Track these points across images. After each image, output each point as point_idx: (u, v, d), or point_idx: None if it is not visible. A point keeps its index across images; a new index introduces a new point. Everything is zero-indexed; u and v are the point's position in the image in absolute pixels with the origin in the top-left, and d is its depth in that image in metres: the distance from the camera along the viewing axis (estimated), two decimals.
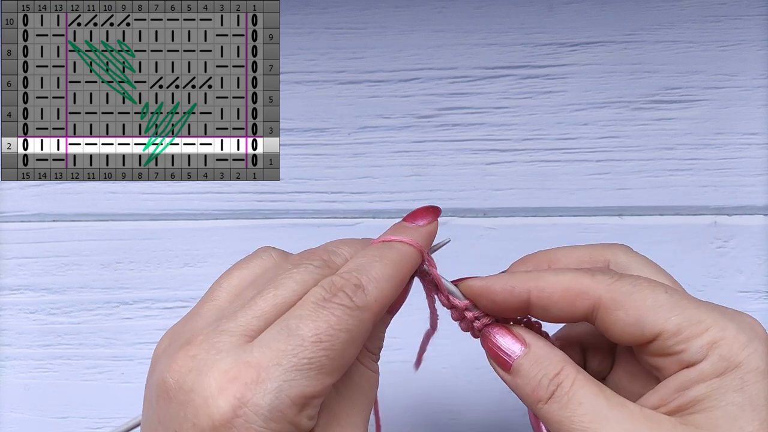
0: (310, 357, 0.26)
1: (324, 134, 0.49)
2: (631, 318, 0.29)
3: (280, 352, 0.26)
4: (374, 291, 0.28)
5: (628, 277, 0.30)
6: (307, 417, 0.26)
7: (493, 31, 0.48)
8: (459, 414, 0.47)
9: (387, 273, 0.29)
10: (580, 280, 0.29)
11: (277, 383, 0.26)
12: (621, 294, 0.29)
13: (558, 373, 0.29)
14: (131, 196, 0.49)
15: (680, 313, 0.28)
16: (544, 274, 0.30)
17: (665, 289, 0.29)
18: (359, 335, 0.28)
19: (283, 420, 0.26)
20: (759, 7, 0.48)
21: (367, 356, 0.30)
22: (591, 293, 0.29)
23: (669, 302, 0.28)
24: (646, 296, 0.29)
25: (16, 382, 0.48)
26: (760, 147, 0.48)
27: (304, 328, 0.27)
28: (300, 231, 0.48)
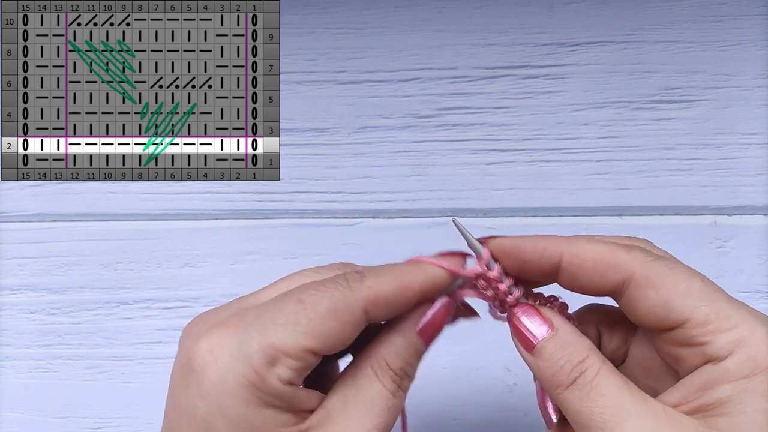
0: (288, 313, 0.28)
1: (324, 134, 0.49)
2: (660, 299, 0.28)
3: (265, 307, 0.28)
4: (371, 279, 0.29)
5: (666, 260, 0.29)
6: (276, 375, 0.27)
7: (493, 31, 0.48)
8: (460, 414, 0.47)
9: (393, 272, 0.30)
10: (615, 253, 0.29)
11: (253, 330, 0.27)
12: (656, 273, 0.28)
13: (582, 360, 0.28)
14: (131, 196, 0.49)
15: (710, 304, 0.27)
16: (577, 240, 0.30)
17: (702, 279, 0.28)
18: (344, 309, 0.28)
19: (248, 365, 0.27)
20: (759, 7, 0.48)
21: (387, 374, 0.30)
22: (625, 267, 0.28)
23: (702, 291, 0.28)
24: (681, 281, 0.28)
25: (16, 382, 0.48)
26: (760, 147, 0.48)
27: (294, 293, 0.29)
28: (300, 231, 0.48)
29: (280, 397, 0.27)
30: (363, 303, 0.28)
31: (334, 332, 0.28)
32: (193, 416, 0.28)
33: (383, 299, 0.29)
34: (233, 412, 0.27)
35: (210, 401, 0.27)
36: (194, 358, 0.28)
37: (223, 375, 0.27)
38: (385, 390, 0.29)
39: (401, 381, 0.30)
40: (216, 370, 0.27)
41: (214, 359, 0.27)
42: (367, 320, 0.29)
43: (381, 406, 0.29)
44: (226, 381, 0.27)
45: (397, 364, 0.30)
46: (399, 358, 0.30)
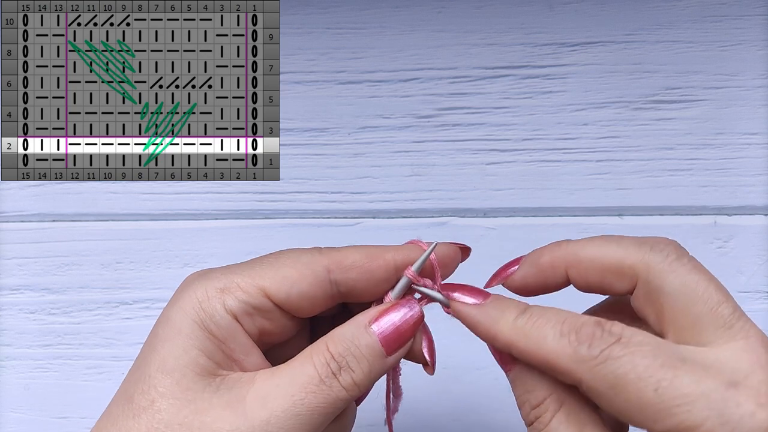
0: (254, 261, 0.31)
1: (324, 134, 0.49)
2: (613, 409, 0.26)
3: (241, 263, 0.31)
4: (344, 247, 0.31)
5: (615, 361, 0.25)
6: (222, 302, 0.29)
7: (493, 31, 0.48)
8: (460, 415, 0.47)
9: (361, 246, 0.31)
10: (560, 356, 0.26)
11: (223, 271, 0.30)
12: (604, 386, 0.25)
13: (540, 403, 0.28)
14: (131, 196, 0.49)
15: (666, 420, 0.24)
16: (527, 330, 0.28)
17: (656, 384, 0.25)
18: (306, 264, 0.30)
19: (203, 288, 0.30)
20: (759, 7, 0.48)
21: (323, 356, 0.29)
22: (572, 374, 0.26)
23: (654, 405, 0.25)
24: (630, 395, 0.25)
25: (16, 382, 0.48)
26: (760, 147, 0.48)
27: None
28: (300, 231, 0.48)
29: (217, 323, 0.29)
30: (327, 261, 0.30)
31: (289, 279, 0.30)
32: (155, 323, 0.30)
33: (350, 262, 0.30)
34: (174, 320, 0.29)
35: (167, 308, 0.30)
36: (180, 284, 0.31)
37: (183, 289, 0.30)
38: (313, 369, 0.29)
39: (339, 369, 0.29)
40: (181, 289, 0.30)
41: (186, 282, 0.31)
42: (332, 281, 0.30)
43: (302, 381, 0.28)
44: (182, 294, 0.30)
45: (335, 348, 0.29)
46: (341, 344, 0.29)
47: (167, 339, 0.29)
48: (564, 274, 0.30)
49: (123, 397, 0.29)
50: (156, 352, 0.29)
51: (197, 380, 0.28)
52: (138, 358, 0.30)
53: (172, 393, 0.28)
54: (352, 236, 0.48)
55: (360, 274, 0.30)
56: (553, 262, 0.30)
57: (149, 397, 0.28)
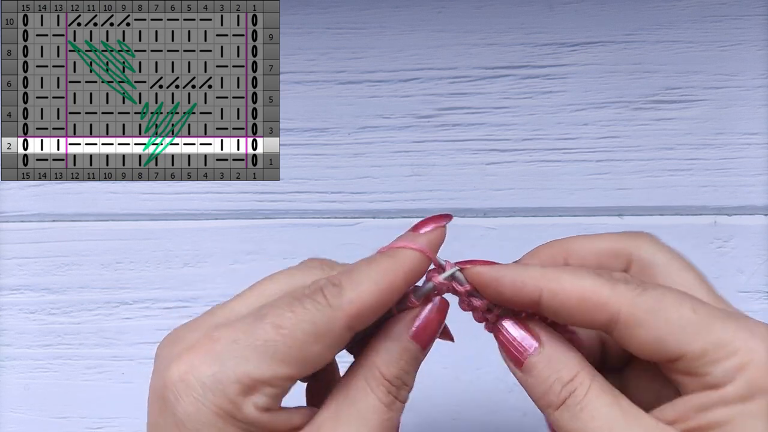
0: (265, 339, 0.26)
1: (324, 134, 0.49)
2: (651, 337, 0.27)
3: (241, 331, 0.27)
4: (350, 292, 0.27)
5: (652, 290, 0.27)
6: (253, 404, 0.26)
7: (493, 31, 0.48)
8: (459, 414, 0.47)
9: (371, 275, 0.28)
10: (598, 290, 0.27)
11: (227, 358, 0.26)
12: (643, 311, 0.27)
13: (572, 378, 0.28)
14: (131, 196, 0.49)
15: (705, 336, 0.26)
16: (559, 273, 0.28)
17: (692, 306, 0.27)
18: (326, 331, 0.27)
19: (223, 395, 0.26)
20: (759, 7, 0.48)
21: (382, 385, 0.28)
22: (610, 306, 0.27)
23: (694, 322, 0.27)
24: (671, 314, 0.27)
25: (16, 382, 0.48)
26: (760, 147, 0.48)
27: (270, 315, 0.27)
28: (300, 231, 0.48)
29: (257, 424, 0.27)
30: (345, 320, 0.27)
31: (315, 356, 0.27)
32: None
33: (367, 310, 0.27)
34: None
35: (175, 427, 0.26)
36: (167, 386, 0.27)
37: (197, 406, 0.26)
38: (379, 403, 0.28)
39: (398, 391, 0.28)
40: (190, 402, 0.26)
41: (188, 389, 0.26)
42: (351, 334, 0.28)
43: (375, 421, 0.28)
44: (200, 412, 0.26)
45: (391, 372, 0.28)
46: (393, 366, 0.28)
47: None
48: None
49: None
50: None
51: None
52: None
53: None
54: (352, 236, 0.48)
55: (377, 315, 0.28)
56: (552, 255, 0.31)
57: None
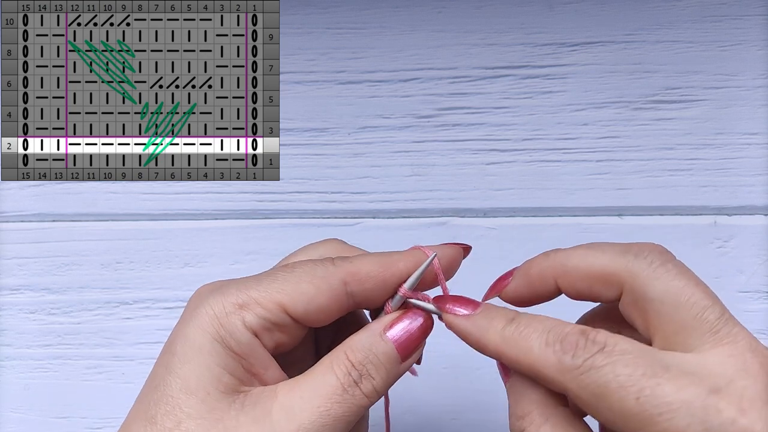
0: (270, 273, 0.30)
1: (324, 134, 0.49)
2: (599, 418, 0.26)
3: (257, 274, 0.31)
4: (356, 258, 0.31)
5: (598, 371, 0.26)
6: (241, 318, 0.29)
7: (493, 31, 0.48)
8: (459, 414, 0.47)
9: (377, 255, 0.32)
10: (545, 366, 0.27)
11: (237, 284, 0.30)
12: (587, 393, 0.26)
13: (524, 416, 0.28)
14: (131, 196, 0.49)
15: (649, 428, 0.24)
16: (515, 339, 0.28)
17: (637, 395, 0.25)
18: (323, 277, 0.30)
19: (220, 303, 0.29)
20: (759, 7, 0.48)
21: (343, 365, 0.29)
22: (556, 385, 0.27)
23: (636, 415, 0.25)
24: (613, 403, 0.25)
25: (16, 382, 0.48)
26: (760, 147, 0.48)
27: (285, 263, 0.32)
28: (300, 231, 0.48)
29: (238, 340, 0.29)
30: (342, 274, 0.30)
31: (308, 294, 0.29)
32: (168, 339, 0.30)
33: (364, 273, 0.30)
34: (193, 338, 0.29)
35: (181, 325, 0.30)
36: (191, 297, 0.31)
37: (198, 305, 0.30)
38: (336, 379, 0.29)
39: (360, 378, 0.29)
40: (195, 302, 0.30)
41: (199, 295, 0.30)
42: (348, 293, 0.30)
43: (326, 392, 0.29)
44: (198, 310, 0.29)
45: (355, 357, 0.29)
46: (360, 352, 0.30)
47: (187, 358, 0.29)
48: (554, 284, 0.30)
49: (143, 417, 0.28)
50: (176, 372, 0.28)
51: (222, 398, 0.28)
52: (154, 376, 0.29)
53: (198, 413, 0.28)
54: (352, 236, 0.48)
55: (375, 284, 0.30)
56: (541, 273, 0.31)
57: (175, 418, 0.28)
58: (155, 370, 0.30)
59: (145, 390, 0.29)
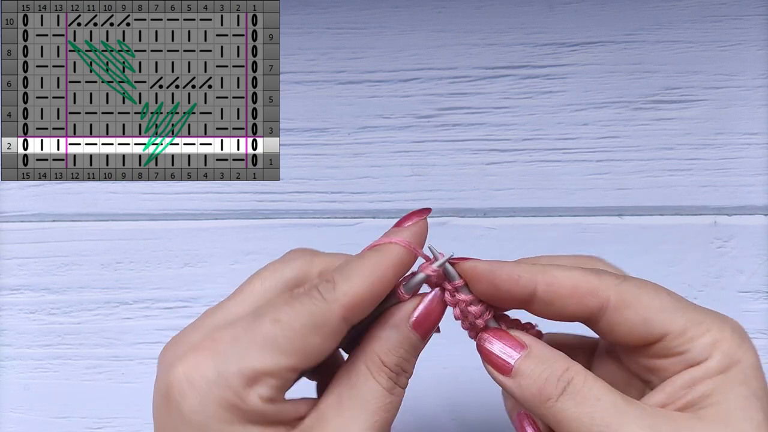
0: (265, 334, 0.28)
1: (324, 134, 0.49)
2: (639, 317, 0.29)
3: (241, 329, 0.28)
4: (344, 285, 0.28)
5: (633, 279, 0.30)
6: (258, 395, 0.27)
7: (493, 31, 0.48)
8: (459, 414, 0.47)
9: (361, 270, 0.29)
10: (589, 278, 0.29)
11: (230, 354, 0.27)
12: (629, 294, 0.29)
13: (567, 369, 0.29)
14: (131, 196, 0.49)
15: (684, 315, 0.29)
16: (551, 268, 0.30)
17: (667, 292, 0.30)
18: (323, 322, 0.28)
19: (227, 388, 0.27)
20: (759, 7, 0.48)
21: (382, 371, 0.29)
22: (600, 293, 0.29)
23: (673, 304, 0.29)
24: (652, 298, 0.29)
25: (16, 382, 0.48)
26: (760, 147, 0.48)
27: (269, 312, 0.28)
28: (300, 231, 0.48)
29: (263, 414, 0.28)
30: (340, 311, 0.28)
31: (315, 347, 0.28)
32: (164, 424, 0.28)
33: (359, 302, 0.29)
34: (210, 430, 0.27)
35: (193, 427, 0.27)
36: (172, 385, 0.27)
37: (202, 400, 0.27)
38: (380, 388, 0.29)
39: (397, 377, 0.30)
40: (195, 397, 0.27)
41: (192, 386, 0.27)
42: (347, 325, 0.29)
43: (376, 404, 0.29)
44: (206, 405, 0.27)
45: (391, 360, 0.29)
46: (393, 353, 0.30)
47: None
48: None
49: None
50: None
51: None
52: None
53: None
54: (352, 236, 0.48)
55: (369, 308, 0.29)
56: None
57: None
58: None
59: None
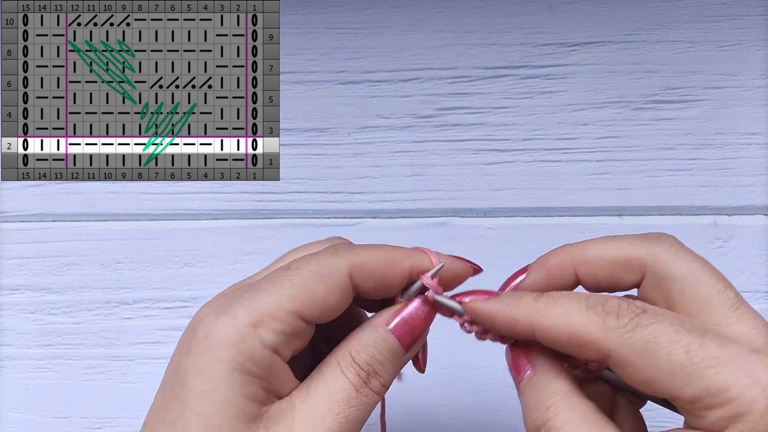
0: (275, 279, 0.29)
1: (324, 134, 0.49)
2: (642, 378, 0.26)
3: (258, 280, 0.30)
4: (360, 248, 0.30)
5: (644, 329, 0.26)
6: (259, 338, 0.28)
7: (493, 31, 0.48)
8: (459, 414, 0.47)
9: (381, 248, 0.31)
10: (588, 328, 0.27)
11: (244, 297, 0.28)
12: (633, 352, 0.26)
13: (549, 407, 0.28)
14: (131, 196, 0.49)
15: (698, 382, 0.25)
16: (551, 308, 0.28)
17: (686, 348, 0.25)
18: (329, 273, 0.29)
19: (233, 326, 0.28)
20: (759, 7, 0.48)
21: (351, 366, 0.29)
22: (600, 345, 0.27)
23: (686, 367, 0.25)
24: (661, 358, 0.26)
25: (16, 382, 0.48)
26: (760, 147, 0.48)
27: (283, 262, 0.30)
28: (300, 231, 0.48)
29: (258, 362, 0.28)
30: (348, 267, 0.29)
31: (319, 295, 0.29)
32: (176, 369, 0.28)
33: (369, 267, 0.29)
34: (210, 372, 0.27)
35: (191, 357, 0.28)
36: (192, 322, 0.29)
37: (207, 333, 0.28)
38: (347, 382, 0.29)
39: (368, 377, 0.29)
40: (202, 329, 0.28)
41: (203, 320, 0.28)
42: (354, 288, 0.29)
43: (340, 397, 0.29)
44: (208, 338, 0.28)
45: (362, 358, 0.29)
46: (365, 352, 0.29)
47: (206, 394, 0.27)
48: (573, 274, 0.30)
49: None
50: (195, 409, 0.27)
51: (247, 428, 0.28)
52: (166, 409, 0.28)
53: None
54: (352, 236, 0.48)
55: (378, 280, 0.30)
56: (561, 263, 0.30)
57: None
58: (166, 402, 0.28)
59: (159, 423, 0.28)
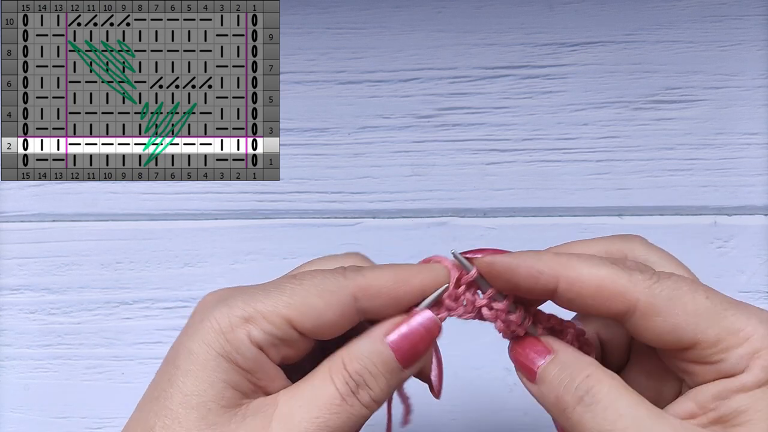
0: (279, 284, 0.29)
1: (324, 134, 0.49)
2: (668, 325, 0.27)
3: (266, 283, 0.30)
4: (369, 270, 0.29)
5: (667, 279, 0.28)
6: (247, 333, 0.28)
7: (493, 31, 0.48)
8: (459, 414, 0.47)
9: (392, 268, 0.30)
10: (616, 280, 0.27)
11: (245, 294, 0.29)
12: (661, 299, 0.27)
13: (587, 376, 0.27)
14: (131, 196, 0.49)
15: (720, 322, 0.27)
16: (576, 262, 0.28)
17: (705, 294, 0.27)
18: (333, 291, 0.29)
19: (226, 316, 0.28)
20: (759, 7, 0.48)
21: (341, 374, 0.29)
22: (628, 296, 0.27)
23: (709, 309, 0.27)
24: (686, 302, 0.27)
25: (16, 382, 0.48)
26: (760, 147, 0.48)
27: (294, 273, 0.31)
28: (300, 231, 0.48)
29: (243, 354, 0.28)
30: (353, 289, 0.29)
31: (316, 309, 0.28)
32: (173, 348, 0.29)
33: (375, 288, 0.29)
34: (197, 353, 0.28)
35: (186, 337, 0.29)
36: (196, 307, 0.30)
37: (203, 318, 0.29)
38: (333, 389, 0.28)
39: (357, 388, 0.28)
40: (200, 314, 0.29)
41: (204, 308, 0.29)
42: (359, 309, 0.29)
43: (323, 402, 0.28)
44: (203, 323, 0.28)
45: (353, 367, 0.29)
46: (357, 361, 0.29)
47: (190, 372, 0.28)
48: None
49: (143, 427, 0.28)
50: (178, 385, 0.28)
51: (223, 413, 0.28)
52: (155, 386, 0.29)
53: (197, 428, 0.27)
54: (352, 236, 0.48)
55: (386, 300, 0.29)
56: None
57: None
58: (157, 379, 0.29)
59: (147, 399, 0.29)
